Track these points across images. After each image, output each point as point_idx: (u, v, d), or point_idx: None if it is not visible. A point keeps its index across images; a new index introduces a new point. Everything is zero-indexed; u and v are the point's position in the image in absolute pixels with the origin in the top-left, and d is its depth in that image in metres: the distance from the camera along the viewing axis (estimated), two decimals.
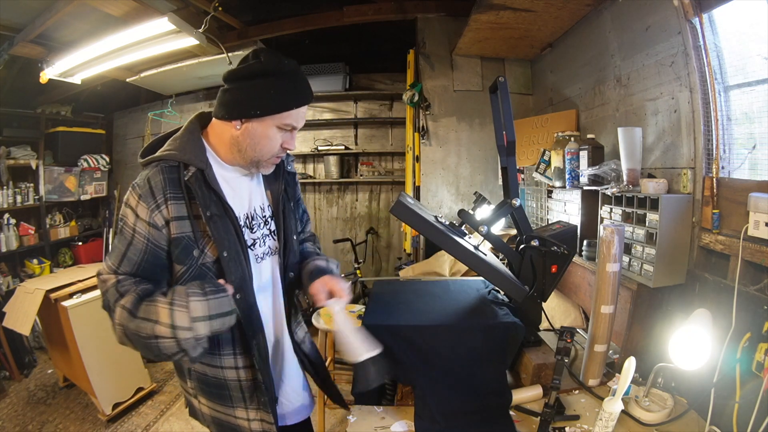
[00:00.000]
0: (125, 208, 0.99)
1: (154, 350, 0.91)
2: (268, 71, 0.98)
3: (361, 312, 2.41)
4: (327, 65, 4.00)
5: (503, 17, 2.33)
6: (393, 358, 1.23)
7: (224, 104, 1.00)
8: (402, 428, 1.17)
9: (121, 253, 0.97)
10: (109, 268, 0.98)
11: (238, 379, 1.09)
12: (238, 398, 1.10)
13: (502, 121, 1.39)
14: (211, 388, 1.11)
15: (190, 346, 0.91)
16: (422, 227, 1.30)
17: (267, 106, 0.98)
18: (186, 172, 0.98)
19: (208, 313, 0.91)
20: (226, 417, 1.13)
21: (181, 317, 0.89)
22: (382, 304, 1.44)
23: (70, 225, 4.28)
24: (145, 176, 0.98)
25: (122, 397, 2.68)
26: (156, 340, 0.90)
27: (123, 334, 0.94)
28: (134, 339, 0.93)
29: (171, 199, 0.96)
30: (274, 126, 1.00)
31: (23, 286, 2.73)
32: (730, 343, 1.10)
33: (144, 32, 2.65)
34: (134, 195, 0.97)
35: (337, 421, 2.59)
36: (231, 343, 1.07)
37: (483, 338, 1.25)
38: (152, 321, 0.90)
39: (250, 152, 1.02)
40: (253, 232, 1.11)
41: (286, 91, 0.99)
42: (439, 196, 3.29)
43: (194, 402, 1.18)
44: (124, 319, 0.92)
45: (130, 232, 0.97)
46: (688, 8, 1.43)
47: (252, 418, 1.11)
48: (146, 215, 0.96)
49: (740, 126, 1.38)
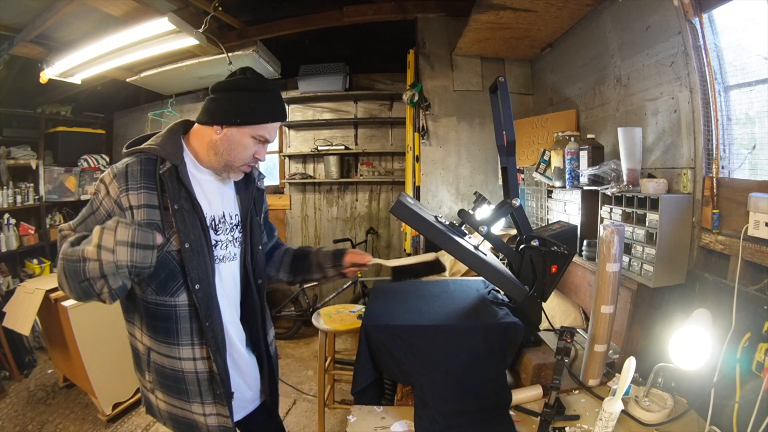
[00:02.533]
0: (99, 183, 1.08)
1: (80, 275, 0.93)
2: (253, 87, 1.10)
3: (361, 312, 2.42)
4: (327, 65, 4.00)
5: (503, 17, 2.33)
6: (393, 358, 1.23)
7: (209, 111, 1.12)
8: (402, 428, 1.17)
9: (83, 217, 1.08)
10: (69, 226, 1.09)
11: (195, 371, 1.13)
12: (195, 392, 1.14)
13: (502, 121, 1.39)
14: (169, 382, 1.14)
15: (110, 271, 0.93)
16: (422, 227, 1.30)
17: (247, 117, 1.09)
18: (162, 167, 1.07)
19: (130, 240, 0.93)
20: (183, 412, 1.15)
21: (107, 238, 0.92)
22: (382, 304, 1.44)
23: None
24: (125, 162, 1.08)
25: (122, 397, 2.68)
26: (83, 262, 0.92)
27: (61, 269, 0.97)
28: (67, 268, 0.95)
29: (143, 189, 1.05)
30: (250, 135, 1.11)
31: (23, 286, 2.73)
32: (730, 343, 1.10)
33: (144, 32, 2.65)
34: (110, 174, 1.07)
35: (337, 421, 2.59)
36: (189, 334, 1.12)
37: (483, 338, 1.25)
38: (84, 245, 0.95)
39: (225, 155, 1.12)
40: (218, 234, 1.18)
41: (264, 107, 1.11)
42: (439, 196, 3.29)
43: (151, 398, 1.20)
44: (64, 250, 0.96)
45: (97, 204, 1.07)
46: (688, 8, 1.43)
47: (208, 413, 1.15)
48: (115, 194, 1.05)
49: (740, 126, 1.38)
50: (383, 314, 1.36)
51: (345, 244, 4.05)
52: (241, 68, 1.13)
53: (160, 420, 1.22)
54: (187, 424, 1.16)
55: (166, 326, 1.11)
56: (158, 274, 1.07)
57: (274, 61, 3.64)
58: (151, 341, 1.14)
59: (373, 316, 1.34)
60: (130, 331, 1.21)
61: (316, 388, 2.27)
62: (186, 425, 1.17)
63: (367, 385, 1.29)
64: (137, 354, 1.21)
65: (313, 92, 4.07)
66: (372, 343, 1.26)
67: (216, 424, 1.16)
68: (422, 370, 1.22)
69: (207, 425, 1.15)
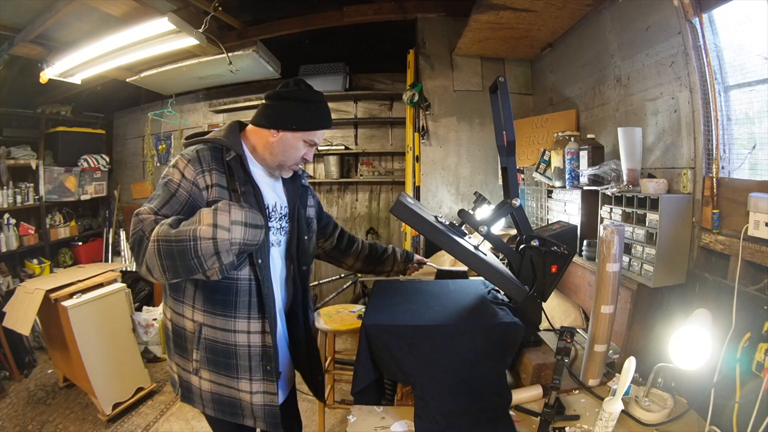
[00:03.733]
0: (172, 169, 1.15)
1: (190, 254, 1.00)
2: (305, 98, 1.23)
3: (361, 312, 2.42)
4: (327, 65, 4.00)
5: (503, 17, 2.33)
6: (393, 358, 1.23)
7: (267, 116, 1.23)
8: (402, 428, 1.17)
9: (164, 200, 1.12)
10: (150, 210, 1.10)
11: (248, 344, 1.19)
12: (245, 368, 1.19)
13: (502, 121, 1.38)
14: (219, 357, 1.18)
15: (225, 248, 1.03)
16: (422, 227, 1.30)
17: (301, 124, 1.22)
18: (227, 155, 1.18)
19: (243, 219, 1.06)
20: (229, 391, 1.20)
21: (223, 218, 1.03)
22: (382, 304, 1.44)
23: (70, 225, 4.28)
24: (194, 149, 1.18)
25: (122, 397, 2.68)
26: (194, 242, 1.00)
27: (154, 250, 1.02)
28: (167, 249, 1.01)
29: (214, 171, 1.16)
30: (302, 140, 1.24)
31: (23, 286, 2.72)
32: (730, 343, 1.10)
33: (144, 32, 2.65)
34: (183, 160, 1.15)
35: (337, 421, 2.59)
36: (247, 307, 1.19)
37: (483, 338, 1.25)
38: (194, 224, 1.02)
39: (279, 156, 1.24)
40: (271, 221, 1.27)
41: (316, 116, 1.25)
42: (439, 196, 3.29)
43: (193, 381, 1.22)
44: (162, 232, 1.02)
45: (174, 187, 1.13)
46: (688, 8, 1.43)
47: (255, 390, 1.20)
48: (191, 176, 1.13)
49: (740, 126, 1.38)
50: (383, 314, 1.36)
51: None
52: (294, 79, 1.26)
53: (198, 405, 1.25)
54: (230, 404, 1.20)
55: (225, 299, 1.18)
56: None
57: (274, 61, 3.64)
58: (205, 316, 1.18)
59: (373, 316, 1.34)
60: (178, 310, 1.23)
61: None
62: (229, 406, 1.20)
63: (367, 385, 1.29)
64: (182, 334, 1.23)
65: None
66: (372, 343, 1.26)
67: (261, 402, 1.20)
68: (422, 370, 1.22)
69: (252, 404, 1.19)
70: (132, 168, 4.79)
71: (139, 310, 3.45)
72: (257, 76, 3.89)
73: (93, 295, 2.61)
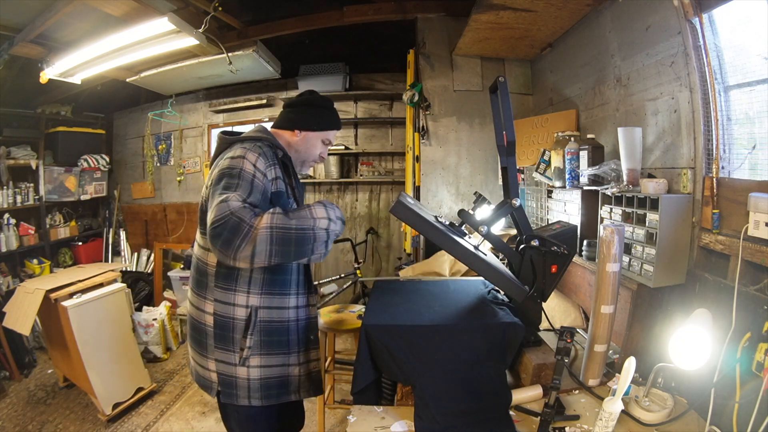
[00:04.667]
0: (242, 161, 1.21)
1: (309, 241, 1.14)
2: (321, 104, 1.47)
3: (361, 312, 2.42)
4: (327, 65, 3.99)
5: (503, 17, 2.33)
6: (393, 358, 1.23)
7: (290, 120, 1.43)
8: (402, 428, 1.17)
9: (247, 189, 1.18)
10: (239, 196, 1.14)
11: (297, 319, 1.33)
12: (295, 341, 1.33)
13: (502, 121, 1.39)
14: (273, 337, 1.29)
15: (333, 237, 1.20)
16: (422, 227, 1.30)
17: (319, 124, 1.44)
18: (278, 152, 1.33)
19: (341, 216, 1.24)
20: (279, 370, 1.30)
21: (333, 213, 1.20)
22: (382, 304, 1.44)
23: (70, 225, 4.28)
24: (256, 144, 1.28)
25: (122, 397, 2.68)
26: (314, 231, 1.15)
27: (270, 237, 1.08)
28: (284, 236, 1.10)
29: (276, 165, 1.29)
30: (320, 139, 1.45)
31: (23, 286, 2.72)
32: (730, 343, 1.10)
33: (144, 32, 2.65)
34: (253, 153, 1.24)
35: (337, 421, 2.59)
36: (297, 284, 1.35)
37: (483, 338, 1.25)
38: (311, 217, 1.16)
39: (302, 153, 1.44)
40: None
41: (331, 118, 1.48)
42: (439, 196, 3.29)
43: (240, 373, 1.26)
44: (279, 220, 1.10)
45: (250, 176, 1.20)
46: (688, 8, 1.43)
47: (303, 360, 1.34)
48: (263, 168, 1.23)
49: (740, 126, 1.38)
50: (383, 314, 1.36)
51: (345, 245, 4.05)
52: (308, 91, 1.50)
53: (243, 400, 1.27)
54: (279, 384, 1.30)
55: (284, 278, 1.32)
56: None
57: (274, 61, 3.64)
58: (262, 298, 1.28)
59: (373, 316, 1.34)
60: (227, 300, 1.27)
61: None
62: (277, 386, 1.30)
63: (366, 385, 1.29)
64: (229, 325, 1.26)
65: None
66: (372, 343, 1.26)
67: (308, 372, 1.35)
68: (422, 370, 1.22)
69: (299, 376, 1.34)
70: (132, 168, 4.79)
71: (139, 310, 3.45)
72: (257, 76, 3.90)
73: (93, 295, 2.61)
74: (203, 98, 4.48)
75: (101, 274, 2.87)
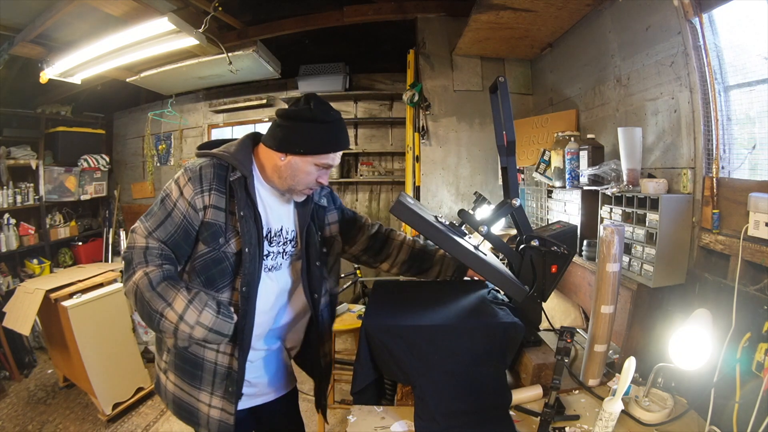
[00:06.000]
0: (173, 184, 1.15)
1: (153, 321, 1.07)
2: (316, 118, 1.14)
3: (361, 312, 2.42)
4: (327, 65, 4.00)
5: (503, 17, 2.33)
6: (393, 358, 1.23)
7: (274, 137, 1.17)
8: (402, 428, 1.17)
9: (159, 220, 1.12)
10: (145, 228, 1.12)
11: (215, 362, 1.18)
12: (208, 381, 1.19)
13: (502, 121, 1.38)
14: (186, 365, 1.19)
15: (182, 338, 1.09)
16: (422, 227, 1.30)
17: (309, 147, 1.15)
18: (232, 174, 1.15)
19: (210, 326, 1.08)
20: (188, 398, 1.20)
21: (191, 316, 1.06)
22: (382, 304, 1.44)
23: (70, 225, 4.28)
24: (198, 165, 1.15)
25: (122, 397, 2.68)
26: (161, 317, 1.06)
27: (133, 293, 1.08)
28: (141, 303, 1.07)
29: (214, 191, 1.13)
30: (313, 163, 1.17)
31: (23, 286, 2.73)
32: (730, 343, 1.10)
33: (144, 32, 2.65)
34: (185, 177, 1.13)
35: (337, 421, 2.59)
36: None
37: (483, 338, 1.25)
38: (166, 302, 1.06)
39: (288, 180, 1.18)
40: (271, 245, 1.24)
41: (327, 137, 1.16)
42: (439, 196, 3.29)
43: (162, 378, 1.26)
44: (143, 285, 1.07)
45: (171, 205, 1.12)
46: (688, 8, 1.43)
47: (214, 405, 1.19)
48: (190, 196, 1.12)
49: (740, 126, 1.38)
50: (383, 314, 1.36)
51: None
52: (305, 96, 1.18)
53: (164, 400, 1.27)
54: (188, 411, 1.21)
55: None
56: (210, 270, 1.16)
57: (274, 61, 3.64)
58: None
59: (373, 316, 1.33)
60: None
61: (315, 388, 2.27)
62: (187, 412, 1.21)
63: (366, 385, 1.29)
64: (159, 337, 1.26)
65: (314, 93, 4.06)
66: (372, 343, 1.26)
67: (217, 417, 1.19)
68: (422, 370, 1.22)
69: (208, 416, 1.19)
70: (132, 168, 4.80)
71: None
72: (257, 76, 3.89)
73: (93, 295, 2.62)
74: (203, 98, 4.48)
75: (101, 274, 2.88)
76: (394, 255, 1.50)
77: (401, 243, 1.51)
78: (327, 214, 1.40)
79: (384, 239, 1.51)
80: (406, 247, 1.51)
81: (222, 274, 1.16)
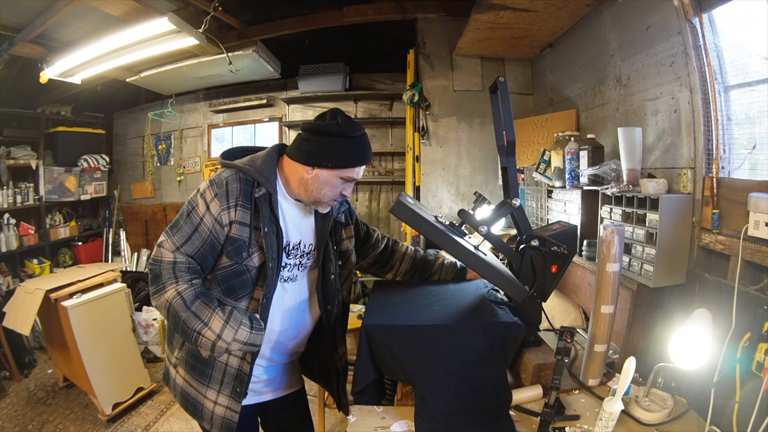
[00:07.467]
0: (199, 198, 1.17)
1: (190, 337, 1.13)
2: (343, 133, 1.18)
3: (361, 312, 2.42)
4: (327, 65, 4.00)
5: (503, 17, 2.33)
6: (393, 358, 1.23)
7: (302, 151, 1.20)
8: (402, 428, 1.17)
9: (186, 235, 1.15)
10: (173, 243, 1.16)
11: (226, 363, 1.22)
12: (217, 380, 1.23)
13: (502, 121, 1.38)
14: (198, 363, 1.24)
15: (219, 352, 1.16)
16: (422, 227, 1.30)
17: (337, 161, 1.18)
18: (258, 190, 1.18)
19: (245, 341, 1.15)
20: (196, 393, 1.25)
21: (228, 334, 1.13)
22: (382, 304, 1.44)
23: (70, 225, 4.28)
24: (225, 178, 1.17)
25: (122, 397, 2.68)
26: (198, 335, 1.12)
27: (167, 310, 1.13)
28: (176, 321, 1.13)
29: (240, 207, 1.16)
30: (339, 177, 1.21)
31: (23, 286, 2.72)
32: (730, 343, 1.10)
33: (144, 32, 2.65)
34: (211, 191, 1.16)
35: (337, 421, 2.59)
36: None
37: (483, 338, 1.25)
38: (203, 322, 1.12)
39: (315, 193, 1.22)
40: (288, 258, 1.29)
41: (354, 152, 1.20)
42: (439, 196, 3.29)
43: (172, 371, 1.30)
44: (177, 305, 1.12)
45: (197, 220, 1.16)
46: (688, 8, 1.43)
47: (220, 402, 1.23)
48: (216, 212, 1.15)
49: (740, 126, 1.38)
50: (383, 314, 1.36)
51: None
52: (332, 111, 1.21)
53: (172, 392, 1.32)
54: (194, 405, 1.25)
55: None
56: (231, 280, 1.20)
57: (274, 61, 3.64)
58: None
59: (373, 316, 1.33)
60: None
61: (316, 388, 2.27)
62: (193, 406, 1.25)
63: (367, 385, 1.29)
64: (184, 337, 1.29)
65: (313, 92, 4.07)
66: (372, 342, 1.26)
67: (221, 414, 1.23)
68: (423, 369, 1.22)
69: (213, 413, 1.23)
70: (132, 168, 4.80)
71: (139, 310, 3.45)
72: (257, 76, 3.90)
73: (93, 295, 2.61)
74: (203, 98, 4.48)
75: (101, 274, 2.87)
76: (397, 266, 1.61)
77: (404, 254, 1.61)
78: (344, 230, 1.44)
79: (390, 252, 1.61)
80: (408, 258, 1.61)
81: (242, 285, 1.21)
